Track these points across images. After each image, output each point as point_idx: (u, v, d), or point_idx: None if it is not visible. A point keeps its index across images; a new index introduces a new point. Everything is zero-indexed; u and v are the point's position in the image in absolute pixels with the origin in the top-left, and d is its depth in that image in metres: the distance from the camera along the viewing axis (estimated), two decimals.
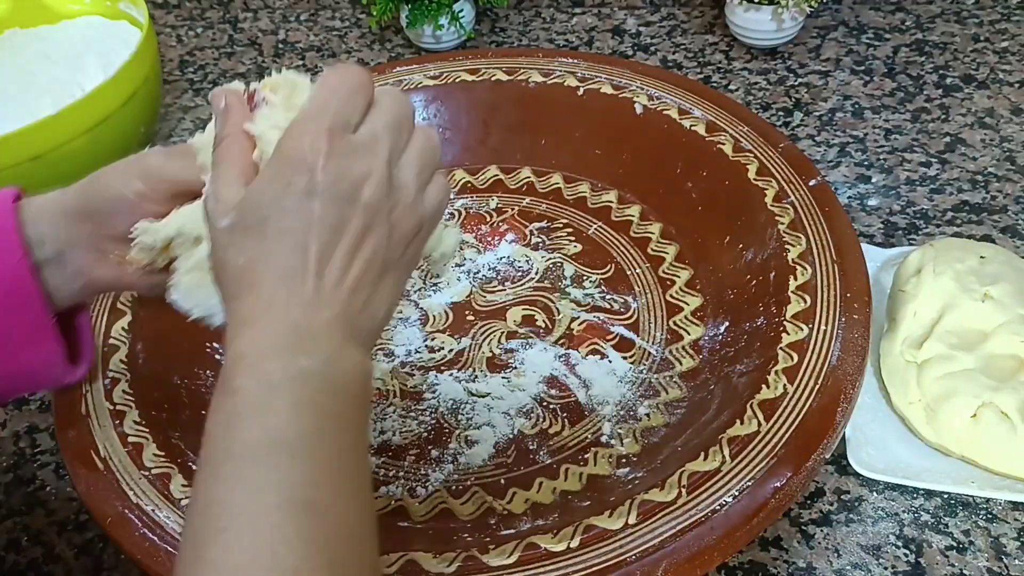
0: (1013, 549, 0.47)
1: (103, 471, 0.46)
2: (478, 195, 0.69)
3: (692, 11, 0.93)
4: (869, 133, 0.75)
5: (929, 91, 0.79)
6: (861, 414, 0.52)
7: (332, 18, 1.02)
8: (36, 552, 0.52)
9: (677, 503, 0.41)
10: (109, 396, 0.50)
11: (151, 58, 0.75)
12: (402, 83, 0.71)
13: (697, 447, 0.44)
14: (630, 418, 0.52)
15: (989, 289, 0.52)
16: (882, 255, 0.61)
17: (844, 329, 0.48)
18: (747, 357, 0.50)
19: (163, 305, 0.56)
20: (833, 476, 0.51)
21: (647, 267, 0.61)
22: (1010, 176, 0.69)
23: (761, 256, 0.55)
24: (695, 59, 0.87)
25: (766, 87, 0.82)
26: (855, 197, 0.69)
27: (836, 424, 0.43)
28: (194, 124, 0.88)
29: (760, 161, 0.59)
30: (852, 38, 0.86)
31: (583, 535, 0.41)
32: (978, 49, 0.83)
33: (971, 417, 0.49)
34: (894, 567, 0.47)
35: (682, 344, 0.56)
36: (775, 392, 0.45)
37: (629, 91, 0.67)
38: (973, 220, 0.66)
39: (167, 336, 0.56)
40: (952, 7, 0.88)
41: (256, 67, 0.95)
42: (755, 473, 0.42)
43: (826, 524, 0.49)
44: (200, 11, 1.07)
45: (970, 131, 0.74)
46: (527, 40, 0.93)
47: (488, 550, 0.41)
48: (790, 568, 0.47)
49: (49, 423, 0.59)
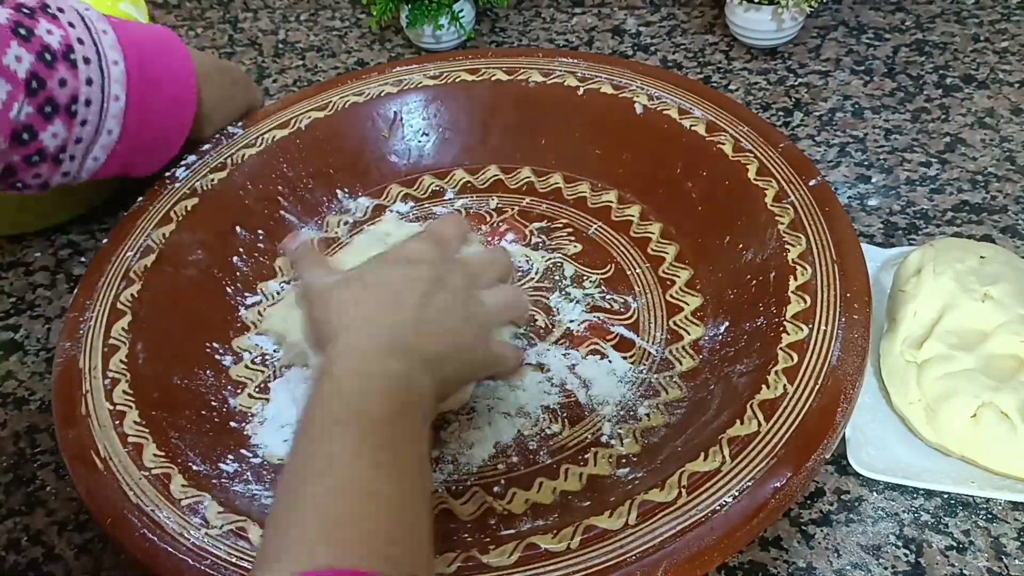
0: (1013, 549, 0.47)
1: (103, 471, 0.46)
2: (478, 195, 0.69)
3: (692, 11, 0.93)
4: (869, 133, 0.75)
5: (929, 91, 0.79)
6: (861, 414, 0.52)
7: (332, 18, 1.02)
8: (36, 552, 0.52)
9: (677, 503, 0.41)
10: (109, 396, 0.50)
11: None
12: (402, 83, 0.71)
13: (697, 447, 0.44)
14: (630, 418, 0.52)
15: (989, 289, 0.52)
16: (882, 255, 0.61)
17: (844, 329, 0.48)
18: (747, 357, 0.50)
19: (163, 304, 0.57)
20: (833, 476, 0.51)
21: (647, 267, 0.61)
22: (1010, 176, 0.69)
23: (761, 256, 0.55)
24: (695, 59, 0.87)
25: (766, 87, 0.82)
26: (855, 197, 0.69)
27: (836, 424, 0.43)
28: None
29: (760, 161, 0.59)
30: (852, 38, 0.86)
31: (583, 535, 0.41)
32: (978, 49, 0.83)
33: (971, 417, 0.49)
34: (894, 567, 0.47)
35: (682, 344, 0.56)
36: (775, 392, 0.45)
37: (629, 91, 0.67)
38: (973, 220, 0.66)
39: (167, 336, 0.56)
40: (952, 7, 0.88)
41: (256, 67, 0.95)
42: (755, 473, 0.42)
43: (826, 524, 0.49)
44: (200, 11, 1.07)
45: (970, 131, 0.74)
46: (527, 40, 0.93)
47: (488, 550, 0.41)
48: (790, 568, 0.47)
49: (49, 423, 0.59)
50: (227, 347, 0.59)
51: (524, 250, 0.64)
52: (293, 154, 0.68)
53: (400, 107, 0.71)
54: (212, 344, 0.59)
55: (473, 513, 0.48)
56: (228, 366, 0.58)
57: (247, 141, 0.68)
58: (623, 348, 0.56)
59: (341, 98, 0.71)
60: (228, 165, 0.66)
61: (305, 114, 0.70)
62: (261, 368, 0.58)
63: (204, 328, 0.59)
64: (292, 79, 0.93)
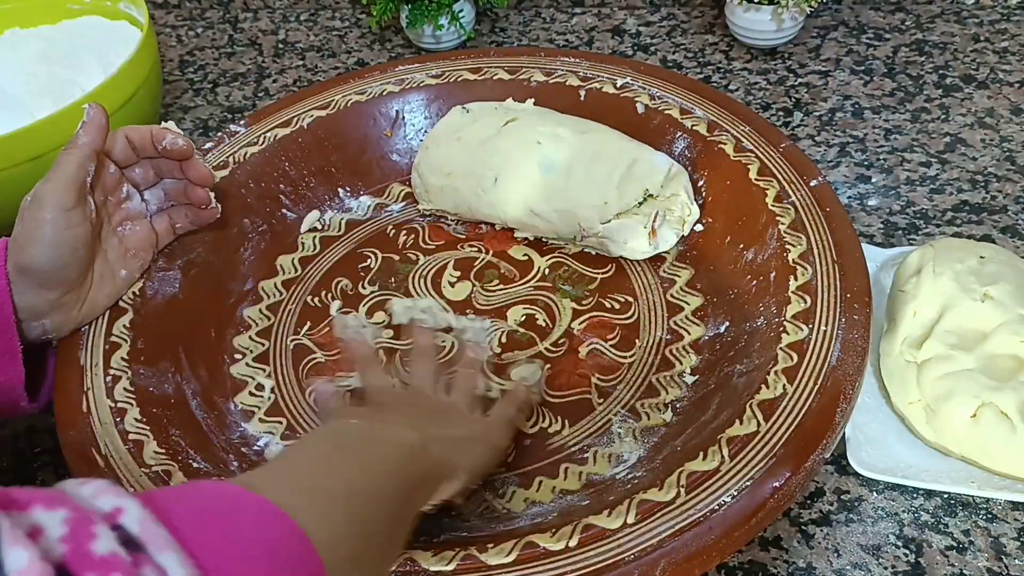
0: (1013, 549, 0.47)
1: (104, 468, 0.46)
2: None
3: (692, 11, 0.93)
4: (869, 133, 0.75)
5: (929, 91, 0.79)
6: (861, 414, 0.52)
7: (332, 18, 1.02)
8: None
9: (676, 503, 0.41)
10: (110, 393, 0.50)
11: (151, 58, 0.75)
12: (404, 82, 0.71)
13: (696, 447, 0.44)
14: (630, 418, 0.52)
15: (989, 289, 0.52)
16: (882, 255, 0.61)
17: (844, 329, 0.48)
18: (747, 357, 0.50)
19: (165, 302, 0.57)
20: (833, 476, 0.51)
21: (647, 267, 0.61)
22: (1010, 176, 0.69)
23: (762, 256, 0.55)
24: (695, 59, 0.87)
25: (766, 87, 0.82)
26: (855, 197, 0.69)
27: (835, 424, 0.43)
28: (194, 124, 0.88)
29: (761, 161, 0.59)
30: (852, 38, 0.86)
31: (582, 534, 0.41)
32: (978, 49, 0.83)
33: (971, 417, 0.49)
34: (894, 567, 0.47)
35: (682, 344, 0.56)
36: (775, 392, 0.45)
37: (631, 91, 0.67)
38: (973, 220, 0.66)
39: (168, 334, 0.56)
40: (952, 7, 0.88)
41: (256, 67, 0.95)
42: (754, 473, 0.42)
43: (826, 524, 0.49)
44: (200, 11, 1.07)
45: (970, 131, 0.74)
46: (527, 40, 0.93)
47: (486, 549, 0.41)
48: (790, 568, 0.47)
49: (49, 423, 0.59)
50: (228, 345, 0.59)
51: (525, 249, 0.64)
52: (295, 152, 0.68)
53: (402, 106, 0.71)
54: (213, 342, 0.59)
55: (472, 511, 0.48)
56: (228, 364, 0.58)
57: (249, 139, 0.68)
58: (623, 347, 0.56)
59: (343, 97, 0.71)
60: (230, 163, 0.66)
61: (307, 112, 0.70)
62: (261, 367, 0.58)
63: (205, 326, 0.59)
64: (292, 79, 0.93)
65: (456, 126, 0.66)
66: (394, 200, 0.70)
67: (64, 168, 0.49)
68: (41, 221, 0.48)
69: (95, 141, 0.51)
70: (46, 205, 0.48)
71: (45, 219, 0.48)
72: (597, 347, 0.57)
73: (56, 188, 0.49)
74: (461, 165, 0.64)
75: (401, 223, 0.68)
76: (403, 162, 0.71)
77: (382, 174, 0.71)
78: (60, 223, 0.49)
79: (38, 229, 0.48)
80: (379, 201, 0.70)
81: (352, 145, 0.70)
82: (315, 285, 0.64)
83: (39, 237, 0.48)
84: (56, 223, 0.48)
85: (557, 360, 0.56)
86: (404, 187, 0.71)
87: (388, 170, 0.71)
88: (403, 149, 0.72)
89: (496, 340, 0.58)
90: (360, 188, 0.71)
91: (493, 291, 0.61)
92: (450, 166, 0.65)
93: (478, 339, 0.55)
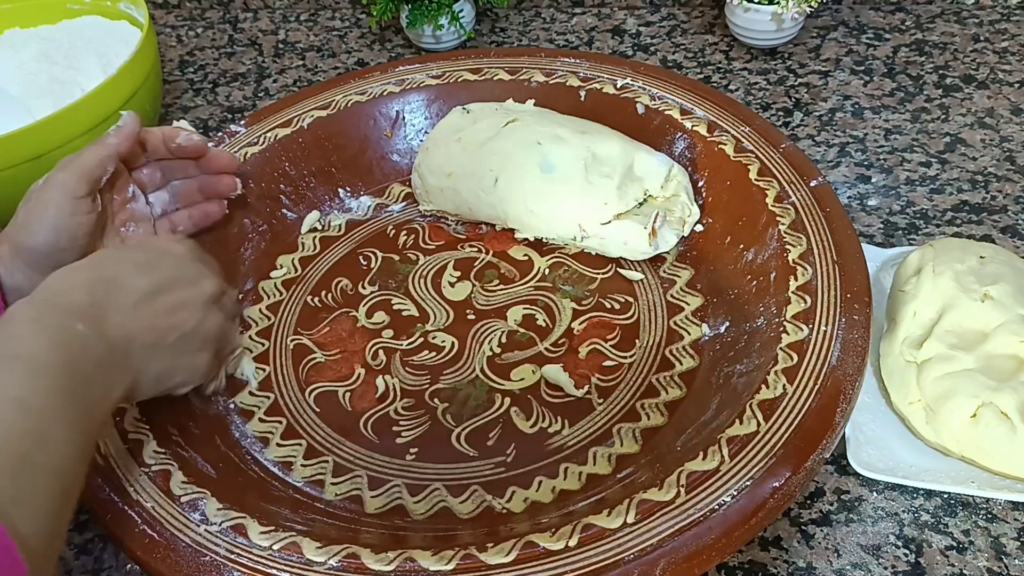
0: (1013, 549, 0.47)
1: (103, 467, 0.46)
2: None
3: (692, 11, 0.93)
4: (869, 133, 0.75)
5: (929, 91, 0.79)
6: (861, 414, 0.52)
7: (332, 18, 1.02)
8: None
9: (676, 502, 0.41)
10: None
11: (151, 58, 0.75)
12: (405, 82, 0.71)
13: (696, 447, 0.44)
14: (630, 418, 0.52)
15: (989, 289, 0.52)
16: (882, 255, 0.61)
17: (844, 329, 0.48)
18: (747, 357, 0.50)
19: None
20: (833, 476, 0.51)
21: (647, 267, 0.61)
22: (1010, 176, 0.69)
23: (762, 256, 0.55)
24: (695, 59, 0.87)
25: (766, 87, 0.82)
26: (855, 197, 0.69)
27: (835, 424, 0.43)
28: (194, 124, 0.88)
29: (761, 161, 0.59)
30: (852, 38, 0.86)
31: (581, 534, 0.41)
32: (978, 49, 0.83)
33: (971, 417, 0.49)
34: (894, 567, 0.47)
35: (682, 344, 0.56)
36: (775, 392, 0.45)
37: (631, 91, 0.67)
38: (973, 220, 0.66)
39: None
40: (952, 7, 0.88)
41: (256, 67, 0.95)
42: (754, 473, 0.42)
43: (826, 524, 0.49)
44: (200, 11, 1.07)
45: (970, 131, 0.74)
46: (527, 40, 0.93)
47: (486, 548, 0.41)
48: (790, 568, 0.47)
49: None
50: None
51: (524, 249, 0.64)
52: (295, 152, 0.68)
53: (402, 106, 0.71)
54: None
55: (472, 511, 0.48)
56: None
57: (249, 139, 0.68)
58: (623, 347, 0.56)
59: (344, 97, 0.71)
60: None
61: (308, 113, 0.70)
62: (262, 367, 0.58)
63: None
64: (292, 79, 0.93)
65: (456, 127, 0.66)
66: (394, 200, 0.70)
67: (84, 159, 0.51)
68: (48, 202, 0.49)
69: (122, 145, 0.53)
70: (56, 188, 0.50)
71: (52, 200, 0.49)
72: (597, 347, 0.57)
73: (70, 175, 0.50)
74: (461, 166, 0.64)
75: (401, 223, 0.68)
76: (403, 162, 0.71)
77: (382, 174, 0.71)
78: (65, 209, 0.49)
79: (43, 209, 0.49)
80: (379, 201, 0.70)
81: (352, 145, 0.70)
82: (315, 285, 0.64)
83: (42, 216, 0.49)
84: (62, 207, 0.49)
85: (557, 360, 0.56)
86: (404, 187, 0.71)
87: (388, 170, 0.71)
88: (403, 149, 0.72)
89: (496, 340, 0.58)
90: (360, 188, 0.71)
91: (493, 291, 0.61)
92: (450, 167, 0.65)
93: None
